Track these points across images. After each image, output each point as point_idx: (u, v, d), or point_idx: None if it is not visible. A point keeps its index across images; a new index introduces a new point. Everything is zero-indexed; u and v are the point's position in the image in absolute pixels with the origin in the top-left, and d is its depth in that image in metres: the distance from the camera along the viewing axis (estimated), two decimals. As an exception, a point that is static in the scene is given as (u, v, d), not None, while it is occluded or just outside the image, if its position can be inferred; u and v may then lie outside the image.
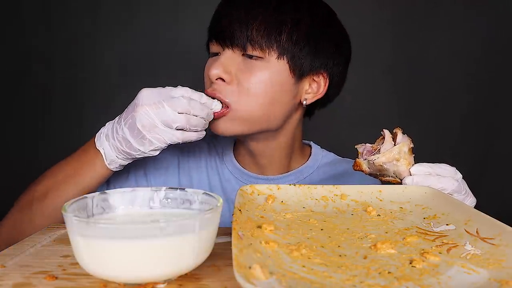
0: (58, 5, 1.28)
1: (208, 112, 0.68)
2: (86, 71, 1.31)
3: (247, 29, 0.72)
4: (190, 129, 0.66)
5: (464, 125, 1.33)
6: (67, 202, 0.41)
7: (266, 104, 0.74)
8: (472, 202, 0.63)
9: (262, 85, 0.73)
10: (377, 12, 1.30)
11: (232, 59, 0.74)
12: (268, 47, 0.72)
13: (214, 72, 0.72)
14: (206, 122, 0.68)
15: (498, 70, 1.31)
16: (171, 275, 0.38)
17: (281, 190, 0.58)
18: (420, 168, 0.60)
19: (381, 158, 0.62)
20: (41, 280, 0.41)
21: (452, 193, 0.60)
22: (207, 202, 0.45)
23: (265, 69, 0.73)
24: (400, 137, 0.64)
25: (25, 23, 1.29)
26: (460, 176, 0.62)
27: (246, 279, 0.31)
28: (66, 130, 1.30)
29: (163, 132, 0.64)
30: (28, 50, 1.30)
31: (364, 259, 0.40)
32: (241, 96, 0.72)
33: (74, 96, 1.31)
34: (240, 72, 0.73)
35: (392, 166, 0.61)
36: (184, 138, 0.66)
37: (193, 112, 0.65)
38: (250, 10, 0.73)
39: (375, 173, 0.64)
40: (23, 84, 1.31)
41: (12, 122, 1.32)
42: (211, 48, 0.79)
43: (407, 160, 0.61)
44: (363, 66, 1.31)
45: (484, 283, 0.35)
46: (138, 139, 0.65)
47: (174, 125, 0.64)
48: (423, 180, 0.59)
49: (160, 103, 0.64)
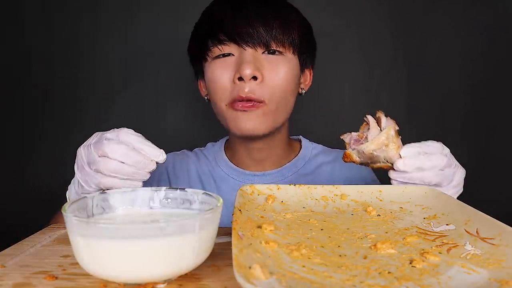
0: (58, 5, 1.28)
1: (144, 162, 0.57)
2: (86, 71, 1.30)
3: (272, 27, 0.76)
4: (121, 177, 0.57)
5: (464, 125, 1.33)
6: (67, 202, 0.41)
7: (288, 96, 0.81)
8: (462, 173, 0.64)
9: (286, 79, 0.79)
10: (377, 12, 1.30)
11: (255, 57, 0.77)
12: (288, 44, 0.78)
13: (249, 72, 0.75)
14: (140, 172, 0.57)
15: (498, 70, 1.31)
16: (171, 275, 0.38)
17: (281, 190, 0.58)
18: (409, 149, 0.60)
19: (371, 146, 0.60)
20: (41, 280, 0.41)
21: (443, 168, 0.60)
22: (207, 202, 0.45)
23: (287, 63, 0.79)
24: (384, 121, 0.62)
25: (25, 23, 1.29)
26: (448, 150, 0.62)
27: (246, 279, 0.31)
28: (66, 130, 1.30)
29: (88, 175, 0.58)
30: (28, 50, 1.29)
31: (364, 259, 0.40)
32: (271, 91, 0.77)
33: (74, 96, 1.31)
34: (265, 69, 0.77)
35: (382, 152, 0.60)
36: (107, 184, 0.57)
37: (122, 159, 0.56)
38: (267, 9, 0.78)
39: (366, 161, 0.62)
40: (23, 84, 1.31)
41: (12, 122, 1.32)
42: (218, 50, 0.78)
43: (396, 143, 0.60)
44: (362, 66, 1.32)
45: (484, 283, 0.35)
46: (76, 181, 0.61)
47: (95, 168, 0.57)
48: (414, 161, 0.59)
49: (90, 144, 0.58)
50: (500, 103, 1.33)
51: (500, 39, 1.30)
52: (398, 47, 1.31)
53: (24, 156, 1.32)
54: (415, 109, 1.33)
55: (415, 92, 1.33)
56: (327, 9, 1.27)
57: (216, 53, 0.79)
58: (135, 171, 0.57)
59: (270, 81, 0.77)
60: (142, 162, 0.57)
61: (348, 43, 1.30)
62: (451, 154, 0.63)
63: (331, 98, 1.33)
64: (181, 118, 1.33)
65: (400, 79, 1.32)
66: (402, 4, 1.30)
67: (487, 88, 1.32)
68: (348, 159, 0.63)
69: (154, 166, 0.58)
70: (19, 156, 1.33)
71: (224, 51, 0.78)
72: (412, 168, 0.59)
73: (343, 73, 1.32)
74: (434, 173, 0.59)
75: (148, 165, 0.57)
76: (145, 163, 0.57)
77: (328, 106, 1.33)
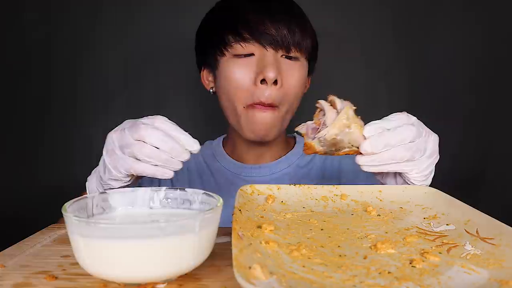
0: (58, 5, 1.28)
1: (179, 150, 0.56)
2: (86, 71, 1.30)
3: (294, 32, 0.78)
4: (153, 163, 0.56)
5: (465, 125, 1.33)
6: (67, 202, 0.41)
7: (297, 101, 0.83)
8: (435, 140, 0.59)
9: (299, 84, 0.81)
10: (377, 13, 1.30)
11: (276, 59, 0.78)
12: (304, 50, 0.81)
13: (273, 75, 0.75)
14: (173, 160, 0.56)
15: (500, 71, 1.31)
16: (171, 275, 0.38)
17: (281, 190, 0.58)
18: (372, 127, 0.55)
19: (332, 130, 0.54)
20: (41, 280, 0.41)
21: (413, 139, 0.55)
22: (207, 202, 0.45)
23: (302, 68, 0.81)
24: (339, 102, 0.56)
25: (25, 23, 1.29)
26: (415, 118, 0.58)
27: (246, 279, 0.31)
28: (66, 130, 1.30)
29: (119, 159, 0.57)
30: (28, 50, 1.30)
31: (364, 259, 0.40)
32: (285, 95, 0.79)
33: (74, 97, 1.31)
34: (283, 73, 0.78)
35: (346, 135, 0.54)
36: (140, 170, 0.56)
37: (157, 144, 0.55)
38: (291, 12, 0.80)
39: (330, 149, 0.56)
40: (23, 84, 1.31)
41: (12, 122, 1.32)
42: (241, 48, 0.77)
43: (357, 123, 0.55)
44: (363, 67, 1.32)
45: (484, 283, 0.35)
46: (102, 168, 0.60)
47: (128, 151, 0.56)
48: (380, 139, 0.54)
49: (124, 128, 0.57)
50: (502, 104, 1.32)
51: (501, 39, 1.30)
52: (399, 47, 1.31)
53: (24, 156, 1.32)
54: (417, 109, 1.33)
55: (416, 92, 1.33)
56: (328, 8, 1.27)
57: (238, 50, 0.78)
58: (169, 158, 0.55)
59: (286, 86, 0.79)
60: (177, 150, 0.55)
61: (349, 43, 1.30)
62: (419, 122, 0.58)
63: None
64: (181, 118, 1.33)
65: (401, 79, 1.32)
66: (403, 5, 1.29)
67: (489, 89, 1.32)
68: (310, 150, 0.56)
69: (188, 155, 0.56)
70: (19, 156, 1.33)
71: (247, 50, 0.78)
72: (380, 147, 0.54)
73: (344, 73, 1.32)
74: (404, 148, 0.55)
75: (182, 154, 0.56)
76: (179, 151, 0.55)
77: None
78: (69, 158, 1.31)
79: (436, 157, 0.60)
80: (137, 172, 0.56)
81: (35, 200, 1.27)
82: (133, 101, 1.32)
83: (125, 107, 1.31)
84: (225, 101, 0.83)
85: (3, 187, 1.31)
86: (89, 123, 1.30)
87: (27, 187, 1.31)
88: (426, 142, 0.58)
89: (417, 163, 0.57)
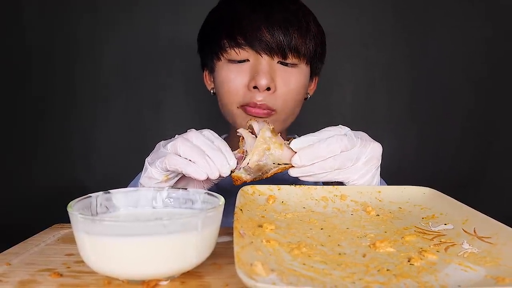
0: (58, 5, 1.29)
1: (222, 162, 0.56)
2: (86, 71, 1.31)
3: (291, 37, 0.76)
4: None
5: (465, 125, 1.34)
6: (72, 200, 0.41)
7: (298, 105, 0.83)
8: (374, 148, 0.59)
9: (297, 90, 0.80)
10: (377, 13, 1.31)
11: (271, 66, 0.77)
12: (303, 55, 0.78)
13: (265, 83, 0.75)
14: (213, 172, 0.56)
15: (500, 70, 1.32)
16: (174, 272, 0.39)
17: (281, 190, 0.59)
18: (299, 140, 0.56)
19: (254, 157, 0.56)
20: (46, 277, 0.42)
21: (345, 149, 0.56)
22: (209, 201, 0.45)
23: (299, 74, 0.80)
24: (256, 126, 0.58)
25: (25, 23, 1.30)
26: (348, 129, 0.59)
27: (248, 275, 0.32)
28: (66, 130, 1.31)
29: (163, 155, 0.58)
30: (28, 50, 1.30)
31: (363, 257, 0.41)
32: (283, 101, 0.78)
33: (74, 97, 1.32)
34: (278, 79, 0.77)
35: (268, 158, 0.56)
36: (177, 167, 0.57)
37: (204, 149, 0.57)
38: (289, 14, 0.77)
39: (258, 174, 0.57)
40: (23, 84, 1.32)
41: (12, 122, 1.33)
42: (235, 54, 0.77)
43: (276, 142, 0.56)
44: (362, 67, 1.32)
45: (481, 280, 0.36)
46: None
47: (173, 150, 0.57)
48: (309, 151, 0.55)
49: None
50: (502, 104, 1.33)
51: (502, 38, 1.31)
52: (399, 47, 1.32)
53: (24, 156, 1.33)
54: (416, 109, 1.34)
55: (416, 92, 1.33)
56: (328, 8, 1.27)
57: (232, 56, 0.78)
58: (212, 172, 0.55)
59: (281, 92, 0.77)
60: (221, 159, 0.55)
61: (348, 42, 1.31)
62: (353, 132, 0.59)
63: (331, 98, 1.34)
64: (181, 118, 1.34)
65: (401, 80, 1.33)
66: (403, 4, 1.30)
67: (489, 88, 1.33)
68: (239, 181, 0.57)
69: (217, 174, 0.56)
70: (19, 156, 1.33)
71: (241, 56, 0.77)
72: (309, 158, 0.55)
73: (344, 72, 1.33)
74: (333, 158, 0.56)
75: (224, 168, 0.55)
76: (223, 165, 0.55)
77: (328, 106, 1.34)
78: (69, 158, 1.31)
79: (375, 164, 0.60)
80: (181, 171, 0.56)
81: (35, 200, 1.27)
82: (133, 101, 1.32)
83: (125, 107, 1.32)
84: (221, 103, 0.84)
85: (3, 187, 1.31)
86: (89, 123, 1.30)
87: (27, 187, 1.32)
88: (360, 151, 0.58)
89: (351, 171, 0.58)
